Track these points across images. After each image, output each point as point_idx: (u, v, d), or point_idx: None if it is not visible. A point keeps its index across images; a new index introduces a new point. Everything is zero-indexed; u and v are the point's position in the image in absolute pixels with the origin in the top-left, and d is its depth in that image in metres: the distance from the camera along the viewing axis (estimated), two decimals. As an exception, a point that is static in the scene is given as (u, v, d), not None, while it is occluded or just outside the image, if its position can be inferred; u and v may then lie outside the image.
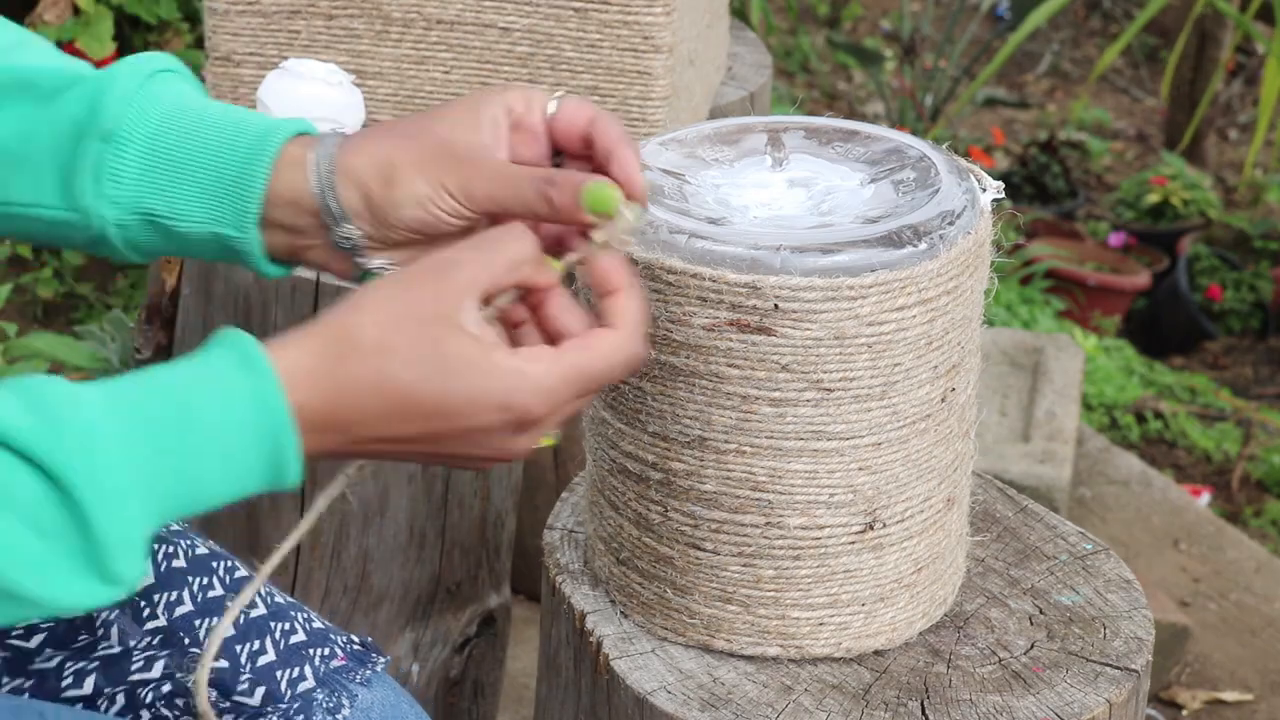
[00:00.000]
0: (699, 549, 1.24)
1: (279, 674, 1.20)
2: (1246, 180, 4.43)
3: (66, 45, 2.95)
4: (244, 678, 1.20)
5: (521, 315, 1.06)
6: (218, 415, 0.97)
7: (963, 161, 1.29)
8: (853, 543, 1.24)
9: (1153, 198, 4.80)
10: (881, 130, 1.33)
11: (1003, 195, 1.28)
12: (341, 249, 1.11)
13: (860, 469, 1.22)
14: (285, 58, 1.99)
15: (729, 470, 1.22)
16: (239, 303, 1.90)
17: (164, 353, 2.05)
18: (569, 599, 1.30)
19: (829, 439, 1.21)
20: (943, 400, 1.24)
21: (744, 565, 1.24)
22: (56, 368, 2.89)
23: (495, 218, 1.09)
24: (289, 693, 1.20)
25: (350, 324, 1.01)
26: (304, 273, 1.86)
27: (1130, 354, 4.12)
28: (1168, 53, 5.70)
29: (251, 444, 0.98)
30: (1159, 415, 3.86)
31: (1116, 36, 5.98)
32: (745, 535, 1.23)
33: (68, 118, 1.12)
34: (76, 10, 2.98)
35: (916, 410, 1.22)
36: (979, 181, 1.27)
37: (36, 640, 1.19)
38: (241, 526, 1.95)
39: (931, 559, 1.27)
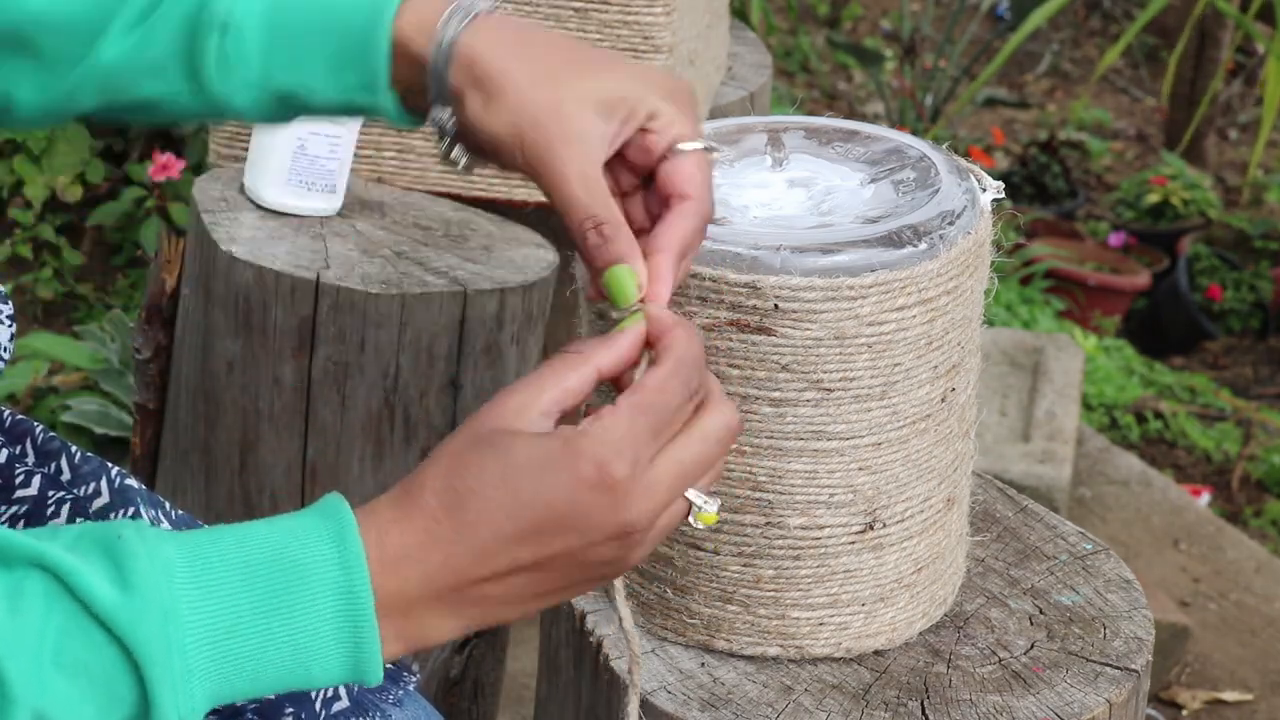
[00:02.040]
0: (699, 549, 1.24)
1: (314, 695, 1.20)
2: (1251, 181, 4.43)
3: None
4: (288, 711, 1.19)
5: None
6: (301, 601, 0.93)
7: (963, 161, 1.29)
8: (853, 543, 1.24)
9: (1153, 198, 4.80)
10: (881, 130, 1.33)
11: (1003, 195, 1.27)
12: (435, 128, 1.08)
13: (860, 469, 1.22)
14: (285, 58, 1.99)
15: (729, 470, 1.22)
16: (239, 303, 1.90)
17: (164, 353, 2.05)
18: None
19: (829, 439, 1.21)
20: (943, 400, 1.24)
21: (744, 565, 1.24)
22: (56, 367, 2.89)
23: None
24: (324, 713, 1.19)
25: (421, 468, 0.96)
26: (306, 272, 1.86)
27: (1130, 354, 4.12)
28: (1168, 53, 5.70)
29: (332, 625, 0.94)
30: (1159, 415, 3.86)
31: (1116, 36, 5.98)
32: (745, 535, 1.23)
33: (179, 11, 1.11)
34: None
35: (916, 410, 1.22)
36: (979, 181, 1.27)
37: None
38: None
39: (931, 559, 1.27)
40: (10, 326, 1.19)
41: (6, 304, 1.19)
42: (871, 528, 1.23)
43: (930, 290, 1.20)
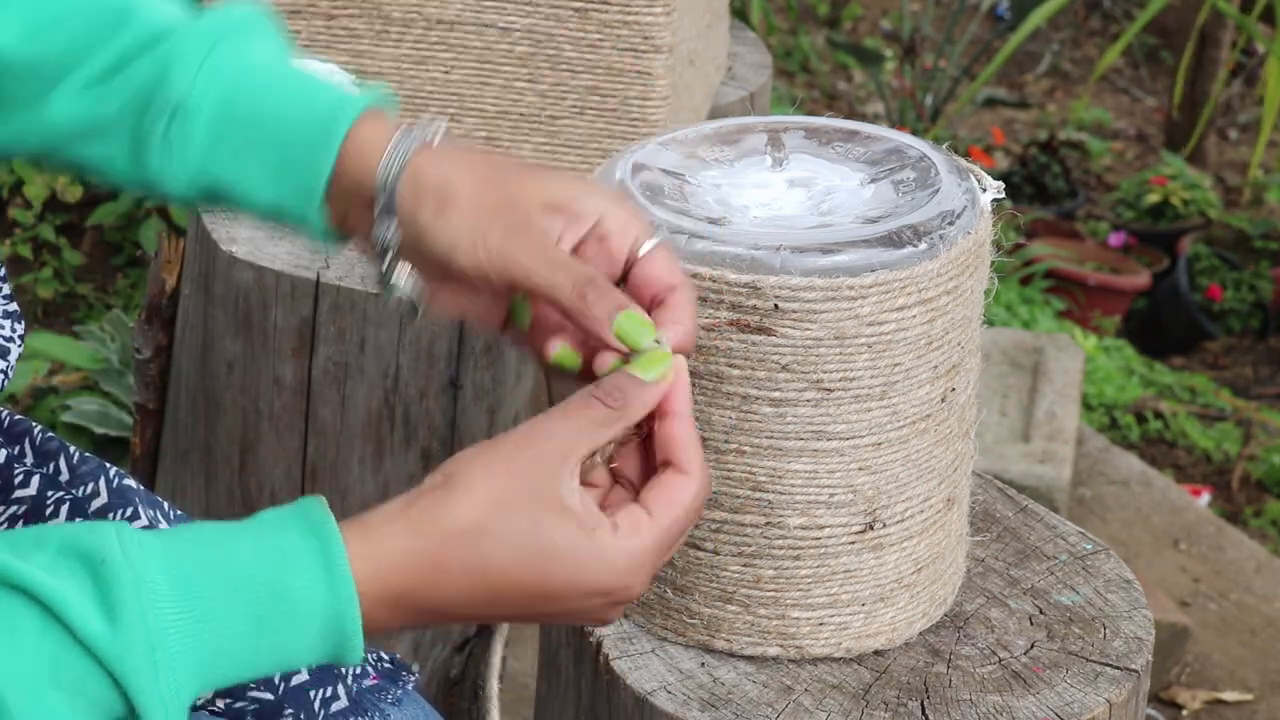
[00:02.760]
0: (699, 549, 1.24)
1: (312, 694, 1.20)
2: (1252, 181, 4.43)
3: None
4: (287, 712, 1.19)
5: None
6: (289, 627, 0.95)
7: (963, 161, 1.29)
8: (853, 543, 1.24)
9: (1153, 198, 4.80)
10: (881, 130, 1.33)
11: (1003, 195, 1.27)
12: (376, 245, 1.09)
13: (860, 469, 1.22)
14: (285, 58, 1.99)
15: (729, 470, 1.22)
16: (239, 303, 1.90)
17: (164, 353, 2.05)
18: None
19: (829, 439, 1.21)
20: (943, 400, 1.24)
21: (744, 565, 1.24)
22: (56, 367, 2.89)
23: (513, 290, 1.07)
24: (322, 713, 1.20)
25: (443, 506, 0.97)
26: (306, 272, 1.86)
27: (1130, 354, 4.12)
28: (1168, 53, 5.70)
29: (317, 644, 0.96)
30: (1159, 415, 3.86)
31: (1116, 36, 5.98)
32: (745, 535, 1.23)
33: (139, 84, 1.11)
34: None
35: (916, 410, 1.22)
36: (979, 181, 1.27)
37: None
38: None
39: (931, 559, 1.27)
40: (19, 346, 1.19)
41: (20, 323, 1.19)
42: (871, 528, 1.23)
43: (930, 290, 1.20)
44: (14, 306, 1.18)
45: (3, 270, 1.15)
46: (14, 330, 1.18)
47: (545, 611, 0.99)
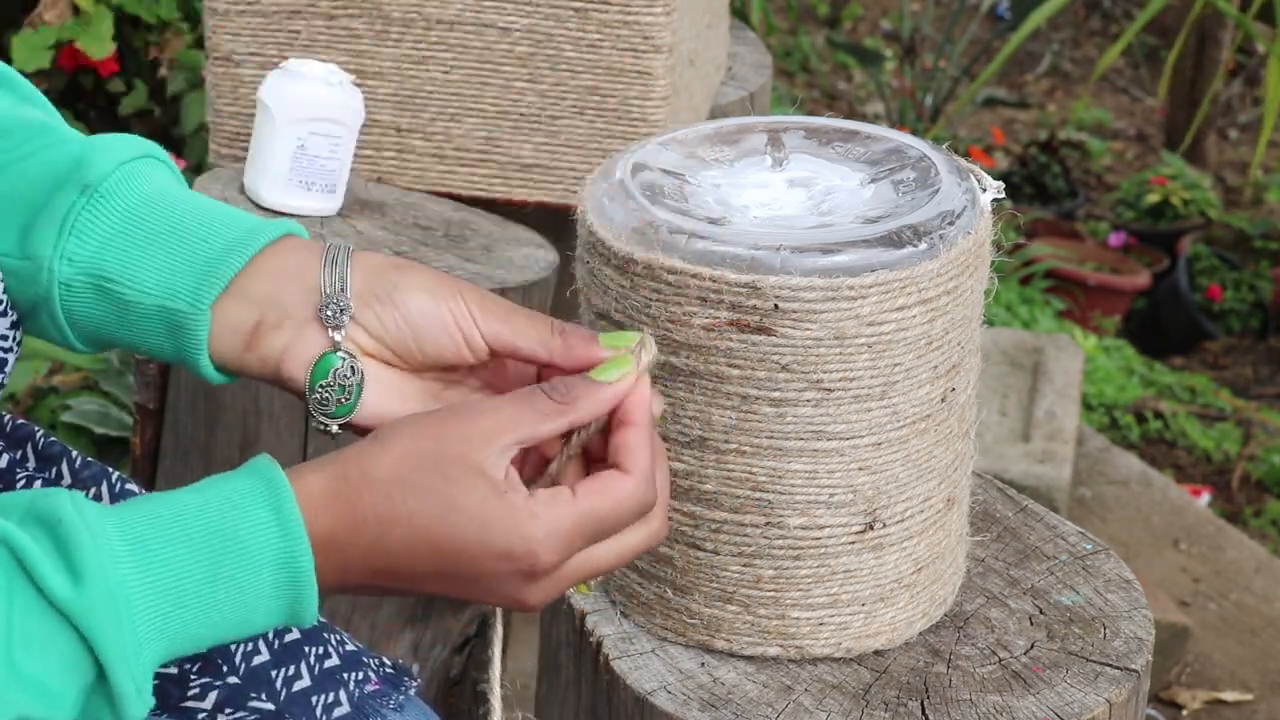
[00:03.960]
0: (699, 549, 1.24)
1: (314, 700, 1.20)
2: (1252, 181, 4.43)
3: (66, 45, 2.95)
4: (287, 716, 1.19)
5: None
6: (244, 570, 0.98)
7: (963, 161, 1.29)
8: (853, 543, 1.24)
9: (1153, 198, 4.80)
10: (881, 130, 1.33)
11: (1003, 195, 1.28)
12: (325, 320, 1.06)
13: (860, 469, 1.22)
14: (285, 58, 1.99)
15: (729, 470, 1.22)
16: (239, 303, 1.90)
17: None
18: (569, 599, 1.30)
19: (829, 439, 1.21)
20: (943, 400, 1.24)
21: (744, 565, 1.24)
22: (56, 367, 2.89)
23: (496, 359, 1.09)
24: (324, 718, 1.20)
25: (368, 456, 1.01)
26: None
27: (1130, 354, 4.12)
28: (1168, 53, 5.70)
29: (270, 590, 0.99)
30: (1159, 415, 3.86)
31: (1116, 36, 5.98)
32: (745, 535, 1.23)
33: (50, 166, 1.08)
34: (76, 10, 2.98)
35: (916, 410, 1.22)
36: (979, 181, 1.27)
37: None
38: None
39: (931, 559, 1.27)
40: (16, 353, 1.18)
41: (17, 330, 1.18)
42: (871, 528, 1.23)
43: (930, 290, 1.20)
44: (15, 316, 1.18)
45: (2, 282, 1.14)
46: (14, 340, 1.18)
47: (458, 573, 1.00)
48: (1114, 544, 2.99)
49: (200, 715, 1.17)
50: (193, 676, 1.17)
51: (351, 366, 1.07)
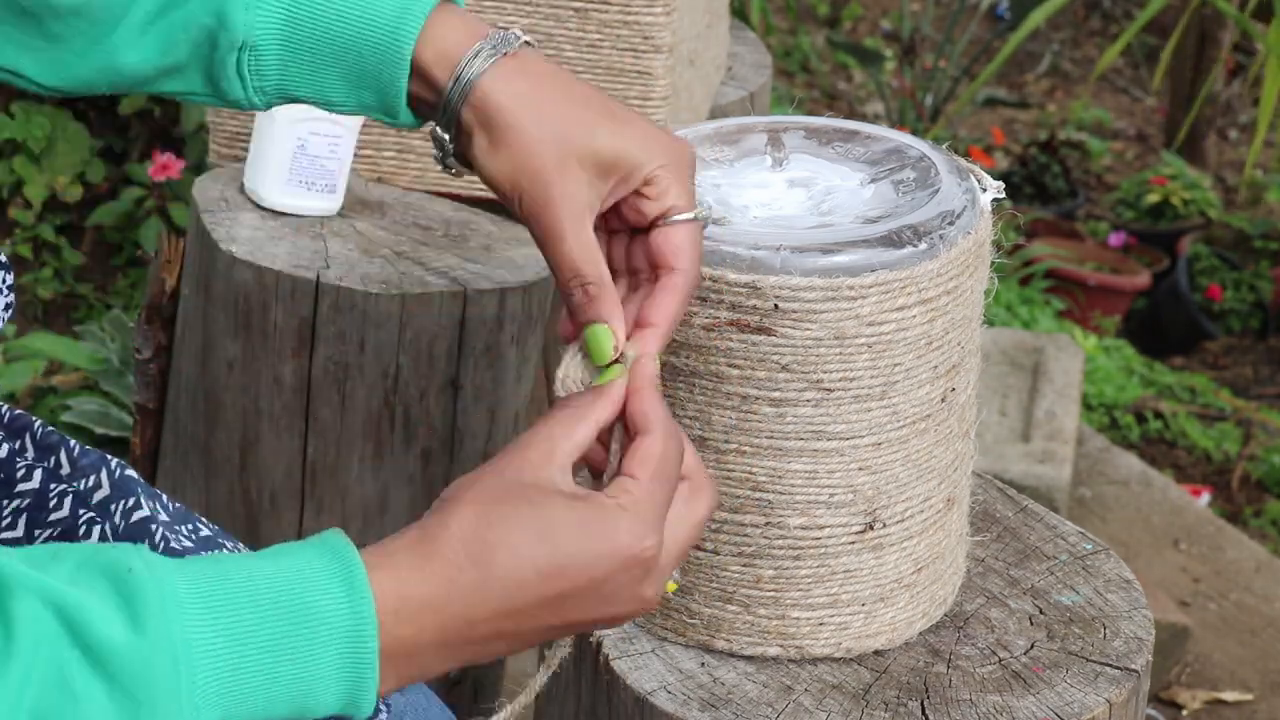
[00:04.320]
0: (699, 549, 1.24)
1: None
2: (1247, 180, 4.43)
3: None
4: None
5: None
6: (306, 641, 0.92)
7: (963, 161, 1.29)
8: (853, 543, 1.24)
9: (1153, 198, 4.80)
10: (881, 130, 1.32)
11: (1003, 195, 1.27)
12: (438, 145, 1.11)
13: (860, 469, 1.22)
14: (285, 58, 1.99)
15: (729, 470, 1.22)
16: (239, 303, 1.90)
17: (164, 353, 2.05)
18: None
19: (829, 439, 1.21)
20: (943, 400, 1.24)
21: (744, 565, 1.24)
22: (56, 367, 2.89)
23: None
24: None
25: (442, 512, 0.97)
26: (306, 272, 1.86)
27: (1130, 354, 4.12)
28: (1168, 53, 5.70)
29: (335, 669, 0.93)
30: (1159, 415, 3.86)
31: (1116, 36, 5.98)
32: (745, 535, 1.23)
33: (196, 23, 1.12)
34: (76, 10, 2.97)
35: (916, 410, 1.22)
36: (979, 181, 1.27)
37: None
38: (241, 526, 1.95)
39: (931, 559, 1.27)
40: (7, 296, 1.19)
41: (9, 273, 1.19)
42: (871, 528, 1.23)
43: (930, 290, 1.20)
44: (3, 257, 1.19)
45: None
46: (3, 280, 1.19)
47: (574, 591, 0.97)
48: (1114, 544, 2.99)
49: None
50: None
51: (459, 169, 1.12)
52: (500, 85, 1.08)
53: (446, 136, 1.10)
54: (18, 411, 1.26)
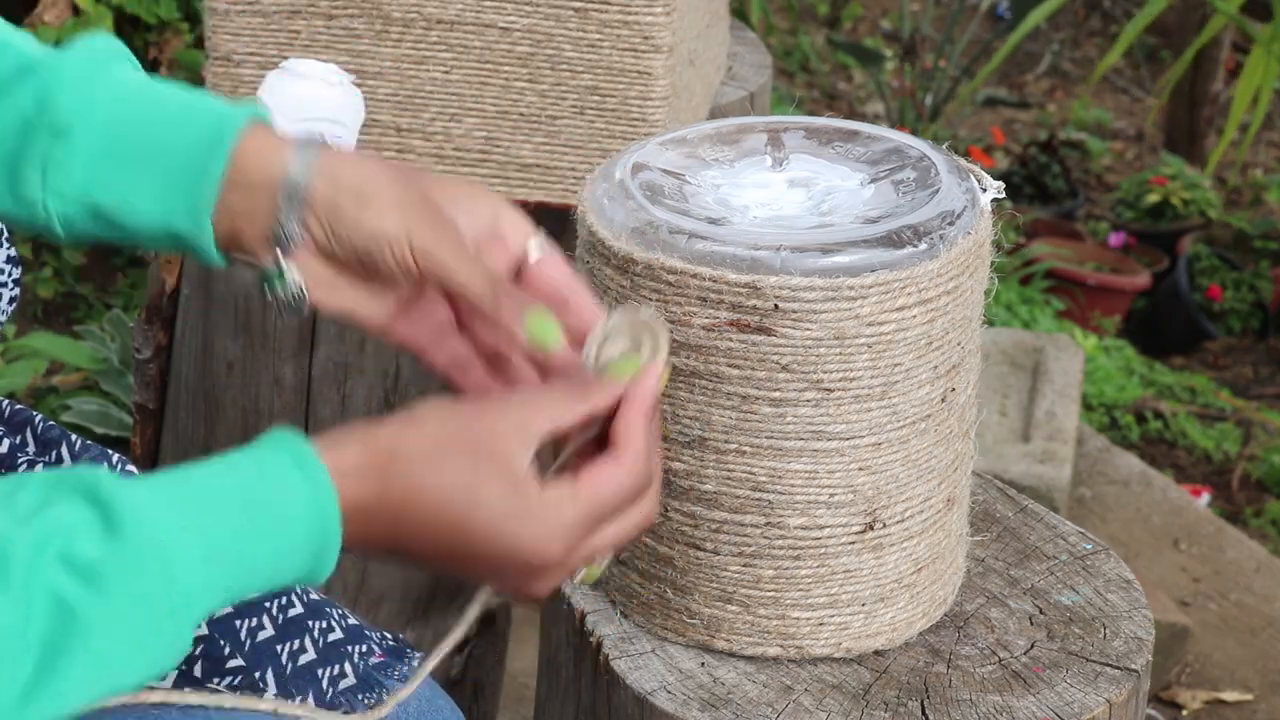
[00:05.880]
0: (699, 549, 1.24)
1: (320, 672, 1.21)
2: (1210, 171, 4.41)
3: (66, 45, 2.95)
4: (296, 685, 1.20)
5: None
6: (276, 523, 0.99)
7: (963, 161, 1.29)
8: (853, 543, 1.24)
9: (1153, 198, 4.80)
10: (881, 130, 1.33)
11: (1003, 195, 1.28)
12: (275, 241, 1.09)
13: (860, 469, 1.22)
14: (285, 58, 1.99)
15: (729, 470, 1.22)
16: (239, 303, 1.90)
17: (164, 353, 2.05)
18: (569, 599, 1.30)
19: (829, 439, 1.21)
20: (943, 400, 1.24)
21: (744, 565, 1.24)
22: (56, 367, 2.89)
23: (428, 287, 1.11)
24: (330, 691, 1.20)
25: (399, 433, 1.03)
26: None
27: (1130, 354, 4.12)
28: (1168, 53, 5.70)
29: (302, 545, 1.00)
30: (1159, 415, 3.86)
31: (1116, 36, 5.98)
32: (745, 535, 1.23)
33: (16, 111, 1.10)
34: (76, 10, 2.98)
35: (916, 410, 1.22)
36: (979, 181, 1.27)
37: None
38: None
39: (931, 559, 1.27)
40: (13, 290, 1.19)
41: (16, 266, 1.20)
42: (871, 528, 1.23)
43: (930, 290, 1.20)
44: (13, 251, 1.19)
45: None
46: (9, 275, 1.20)
47: (472, 558, 1.03)
48: (1114, 544, 2.99)
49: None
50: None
51: (294, 294, 1.12)
52: (341, 157, 1.10)
53: (294, 228, 1.08)
54: (18, 406, 1.26)
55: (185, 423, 2.02)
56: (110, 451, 1.26)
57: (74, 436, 1.25)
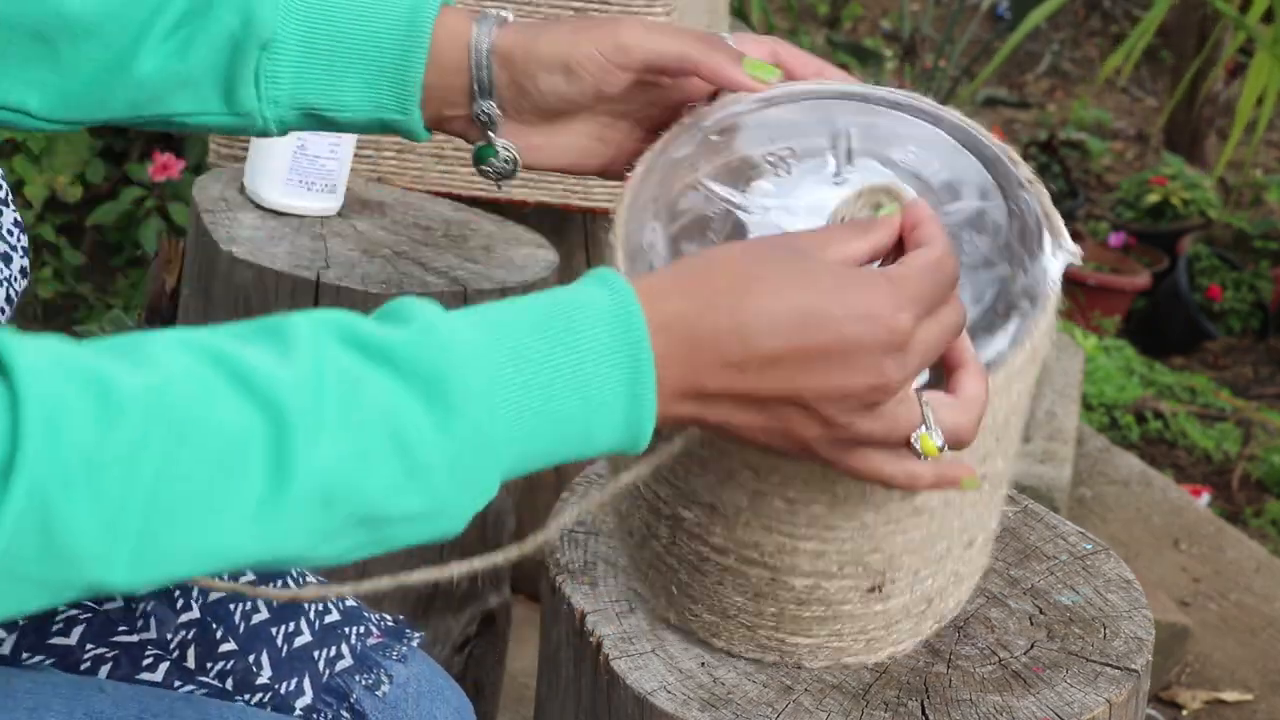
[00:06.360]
0: (703, 574, 1.22)
1: (317, 654, 1.20)
2: (1217, 174, 4.42)
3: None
4: (296, 667, 1.20)
5: None
6: (578, 319, 0.93)
7: (1045, 204, 1.18)
8: (861, 600, 1.21)
9: (1153, 198, 4.80)
10: (956, 125, 1.19)
11: (1079, 261, 1.19)
12: (479, 122, 1.16)
13: (873, 550, 1.18)
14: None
15: (737, 536, 1.18)
16: (239, 302, 1.90)
17: (164, 353, 2.05)
18: (569, 599, 1.30)
19: (841, 529, 1.15)
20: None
21: (747, 600, 1.22)
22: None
23: (643, 82, 1.15)
24: (327, 673, 1.20)
25: (708, 250, 0.99)
26: (306, 272, 1.86)
27: (1130, 354, 4.12)
28: (1168, 53, 5.70)
29: (610, 371, 0.93)
30: (1159, 415, 3.86)
31: (1116, 36, 5.98)
32: (749, 581, 1.20)
33: (222, 30, 1.15)
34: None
35: (939, 499, 1.16)
36: (1056, 241, 1.18)
37: (76, 634, 1.18)
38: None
39: (941, 592, 1.24)
40: (23, 259, 1.20)
41: (22, 231, 1.20)
42: (880, 589, 1.20)
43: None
44: (25, 241, 1.21)
45: (4, 189, 1.17)
46: (17, 240, 1.20)
47: (820, 344, 0.95)
48: (1114, 544, 2.99)
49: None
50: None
51: (507, 159, 1.19)
52: (512, 31, 1.16)
53: (489, 105, 1.15)
54: None
55: (185, 423, 2.02)
56: None
57: None
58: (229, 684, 1.19)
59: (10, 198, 1.20)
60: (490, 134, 1.17)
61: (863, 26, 5.98)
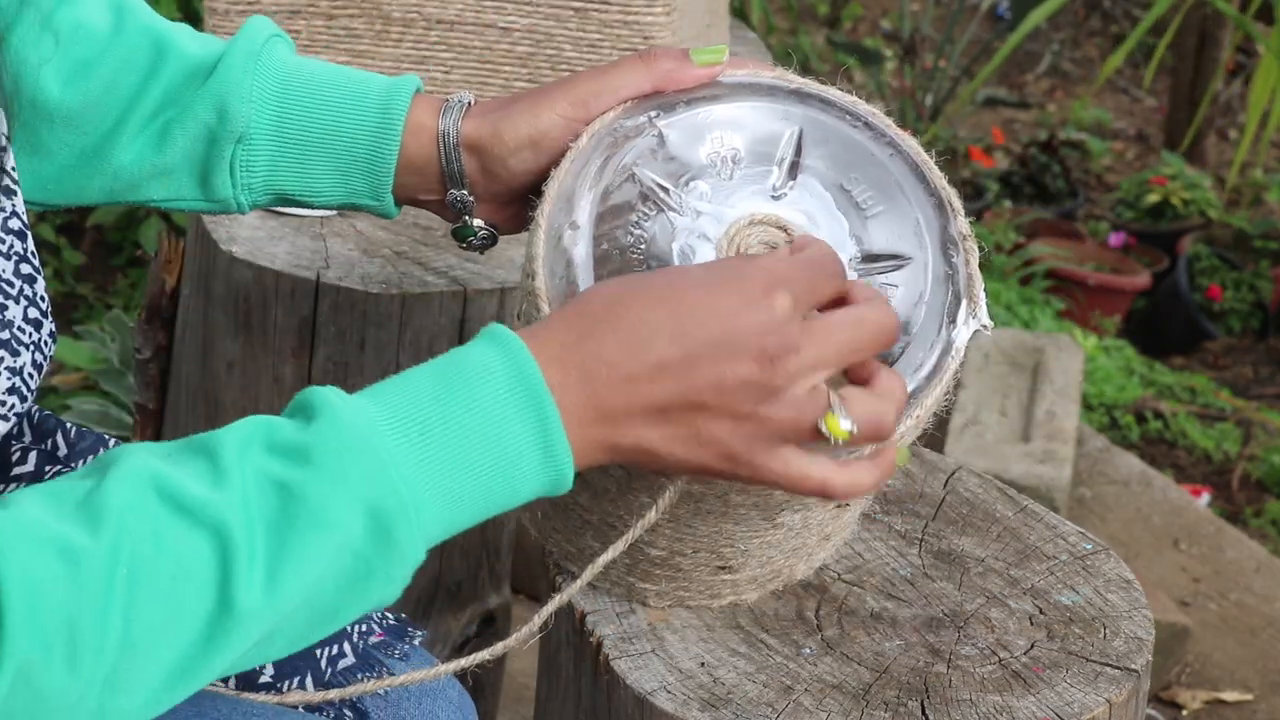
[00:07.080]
0: (568, 517, 1.25)
1: (319, 653, 1.21)
2: (1232, 183, 4.42)
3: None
4: (299, 665, 1.21)
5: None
6: (475, 384, 0.97)
7: (973, 268, 1.15)
8: (710, 572, 1.26)
9: (1153, 198, 4.80)
10: (905, 169, 1.18)
11: (989, 329, 1.15)
12: (454, 208, 1.20)
13: (728, 546, 1.23)
14: (285, 58, 1.99)
15: (604, 509, 1.21)
16: (239, 303, 1.90)
17: (164, 353, 2.05)
18: (569, 599, 1.30)
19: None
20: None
21: (602, 548, 1.21)
22: (56, 367, 2.89)
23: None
24: (329, 671, 1.20)
25: (588, 289, 1.03)
26: (306, 272, 1.86)
27: (1130, 354, 4.12)
28: (1168, 53, 5.70)
29: (515, 415, 0.97)
30: (1159, 415, 3.86)
31: (1116, 36, 5.98)
32: (608, 538, 1.21)
33: (199, 125, 1.18)
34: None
35: (800, 516, 1.22)
36: (971, 308, 1.14)
37: None
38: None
39: (792, 568, 1.28)
40: (44, 364, 1.19)
41: (54, 339, 1.20)
42: (731, 569, 1.26)
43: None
44: (52, 325, 1.18)
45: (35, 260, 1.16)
46: (48, 352, 1.18)
47: (701, 338, 0.98)
48: (1114, 544, 2.99)
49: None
50: None
51: (484, 236, 1.23)
52: (479, 109, 1.20)
53: (461, 193, 1.20)
54: None
55: (185, 423, 2.02)
56: (107, 436, 1.26)
57: (69, 424, 1.26)
58: (231, 684, 1.19)
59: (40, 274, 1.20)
60: (465, 217, 1.22)
61: (863, 26, 5.98)
